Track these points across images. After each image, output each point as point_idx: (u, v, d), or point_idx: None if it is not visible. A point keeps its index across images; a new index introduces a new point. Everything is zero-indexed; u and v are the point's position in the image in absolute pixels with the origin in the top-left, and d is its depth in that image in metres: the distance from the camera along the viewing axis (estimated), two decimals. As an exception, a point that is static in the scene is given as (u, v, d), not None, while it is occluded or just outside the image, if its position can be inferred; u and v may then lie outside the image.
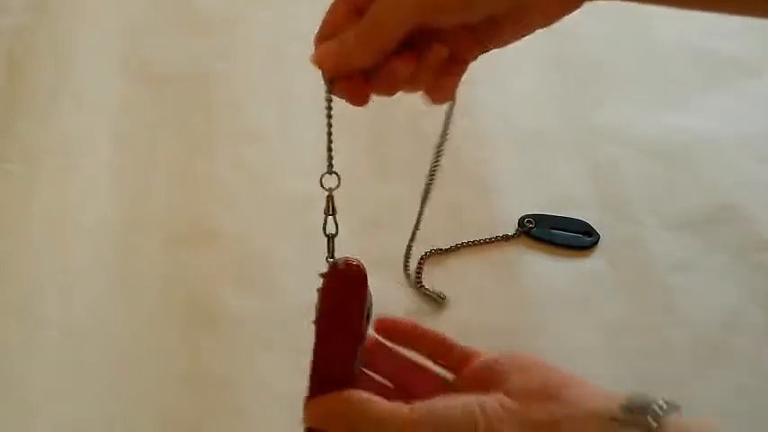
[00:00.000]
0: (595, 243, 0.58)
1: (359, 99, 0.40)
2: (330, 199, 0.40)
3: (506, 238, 0.57)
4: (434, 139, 0.63)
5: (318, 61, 0.40)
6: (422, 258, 0.56)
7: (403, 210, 0.59)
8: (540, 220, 0.58)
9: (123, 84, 0.66)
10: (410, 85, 0.40)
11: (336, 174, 0.39)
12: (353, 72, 0.39)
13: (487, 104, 0.66)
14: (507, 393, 0.36)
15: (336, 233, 0.40)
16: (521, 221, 0.58)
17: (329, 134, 0.40)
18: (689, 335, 0.53)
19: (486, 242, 0.58)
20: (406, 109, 0.65)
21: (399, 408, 0.36)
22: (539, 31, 0.77)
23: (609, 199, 0.60)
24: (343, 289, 0.39)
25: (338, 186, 0.40)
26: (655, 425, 0.33)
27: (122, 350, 0.51)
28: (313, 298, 0.53)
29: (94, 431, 0.49)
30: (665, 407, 0.34)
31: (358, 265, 0.39)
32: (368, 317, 0.39)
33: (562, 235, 0.58)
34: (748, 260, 0.57)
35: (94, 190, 0.59)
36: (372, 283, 0.39)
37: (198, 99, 0.65)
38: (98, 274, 0.55)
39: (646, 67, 0.69)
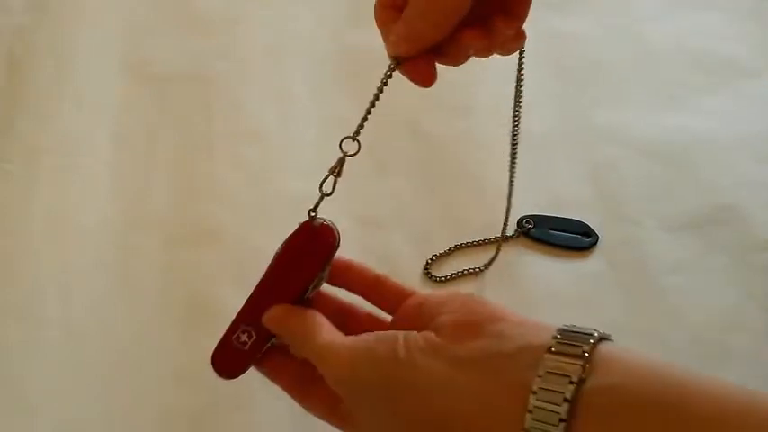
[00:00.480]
0: (594, 244, 0.58)
1: (428, 78, 0.41)
2: (342, 162, 0.41)
3: (505, 238, 0.57)
4: (434, 139, 0.63)
5: (393, 48, 0.40)
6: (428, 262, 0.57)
7: (403, 208, 0.60)
8: (538, 220, 0.58)
9: (123, 84, 0.66)
10: (481, 54, 0.40)
11: (358, 141, 0.40)
12: (423, 50, 0.39)
13: (487, 105, 0.66)
14: (436, 329, 0.36)
15: (331, 194, 0.41)
16: (519, 222, 0.58)
17: (372, 103, 0.41)
18: (688, 335, 0.54)
19: (485, 243, 0.58)
20: (407, 109, 0.65)
21: (340, 340, 0.37)
22: (538, 32, 0.77)
23: (608, 200, 0.60)
24: (307, 245, 0.40)
25: (357, 153, 0.41)
26: (587, 354, 0.32)
27: (122, 350, 0.52)
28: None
29: (94, 431, 0.49)
30: (596, 336, 0.33)
31: (332, 229, 0.40)
32: (317, 285, 0.40)
33: (561, 236, 0.58)
34: (748, 261, 0.57)
35: (94, 190, 0.59)
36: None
37: (198, 99, 0.65)
38: (98, 274, 0.55)
39: (644, 68, 0.69)
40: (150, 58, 0.68)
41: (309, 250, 0.40)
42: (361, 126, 0.40)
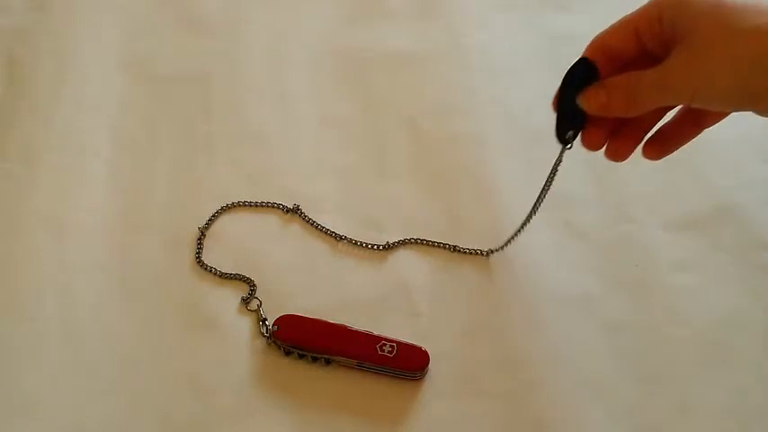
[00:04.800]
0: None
1: (594, 144, 0.48)
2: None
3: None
4: (434, 139, 0.63)
5: (584, 103, 0.46)
6: None
7: (403, 209, 0.60)
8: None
9: (123, 84, 0.66)
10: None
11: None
12: (608, 118, 0.46)
13: (487, 105, 0.66)
14: None
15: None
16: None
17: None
18: (689, 335, 0.53)
19: (479, 254, 0.57)
20: (407, 109, 0.65)
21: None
22: (538, 32, 0.77)
23: (609, 199, 0.60)
24: None
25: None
26: None
27: (122, 350, 0.52)
28: (312, 299, 0.54)
29: (94, 431, 0.49)
30: None
31: None
32: None
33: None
34: (748, 260, 0.57)
35: (94, 190, 0.59)
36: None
37: (198, 99, 0.65)
38: (98, 274, 0.55)
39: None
40: (150, 58, 0.68)
41: None
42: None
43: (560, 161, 0.49)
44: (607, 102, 0.45)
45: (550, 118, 0.48)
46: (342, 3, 0.73)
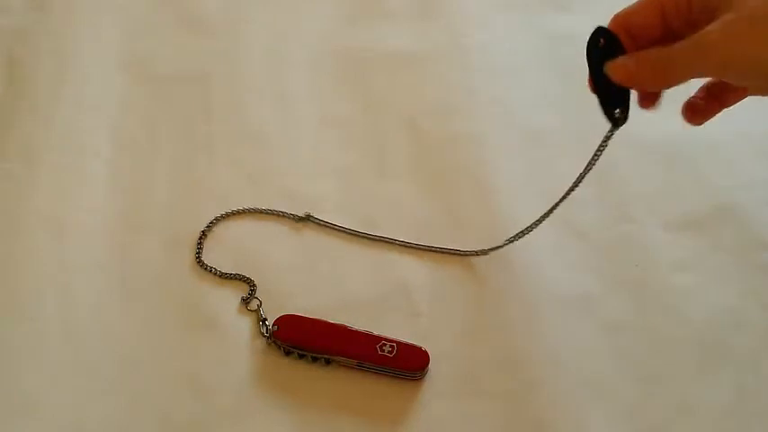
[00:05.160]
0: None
1: (648, 102, 0.48)
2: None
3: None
4: (434, 139, 0.63)
5: (612, 74, 0.45)
6: None
7: (403, 209, 0.60)
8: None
9: (123, 84, 0.66)
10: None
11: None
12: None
13: (487, 105, 0.66)
14: None
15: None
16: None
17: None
18: (689, 335, 0.53)
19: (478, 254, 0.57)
20: (407, 109, 0.65)
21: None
22: (539, 32, 0.77)
23: (609, 199, 0.60)
24: None
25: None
26: None
27: (122, 350, 0.52)
28: (312, 299, 0.54)
29: (94, 431, 0.49)
30: None
31: None
32: None
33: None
34: (748, 260, 0.57)
35: (94, 190, 0.59)
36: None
37: (198, 99, 0.65)
38: (98, 273, 0.55)
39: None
40: (150, 58, 0.68)
41: None
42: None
43: (607, 142, 0.48)
44: (636, 71, 0.44)
45: (551, 118, 0.48)
46: (342, 3, 0.73)
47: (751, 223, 0.58)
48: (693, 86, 0.48)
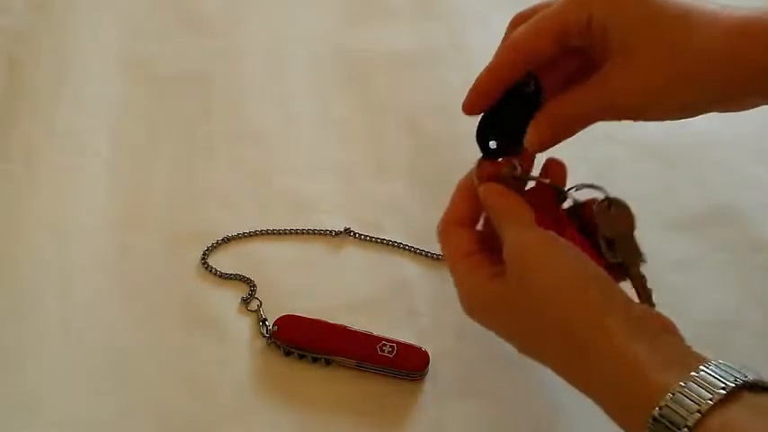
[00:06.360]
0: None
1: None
2: None
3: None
4: (434, 139, 0.63)
5: (530, 143, 0.47)
6: None
7: (403, 210, 0.60)
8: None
9: (123, 84, 0.66)
10: None
11: None
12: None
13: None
14: None
15: None
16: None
17: None
18: (689, 335, 0.53)
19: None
20: (407, 109, 0.65)
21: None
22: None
23: (609, 199, 0.60)
24: None
25: None
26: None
27: (122, 350, 0.51)
28: (312, 299, 0.54)
29: (94, 431, 0.49)
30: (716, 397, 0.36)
31: None
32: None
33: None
34: (748, 260, 0.57)
35: (94, 190, 0.59)
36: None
37: (198, 99, 0.65)
38: (98, 274, 0.55)
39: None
40: (150, 58, 0.68)
41: None
42: None
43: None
44: (552, 136, 0.45)
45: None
46: (342, 3, 0.73)
47: (750, 223, 0.58)
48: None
